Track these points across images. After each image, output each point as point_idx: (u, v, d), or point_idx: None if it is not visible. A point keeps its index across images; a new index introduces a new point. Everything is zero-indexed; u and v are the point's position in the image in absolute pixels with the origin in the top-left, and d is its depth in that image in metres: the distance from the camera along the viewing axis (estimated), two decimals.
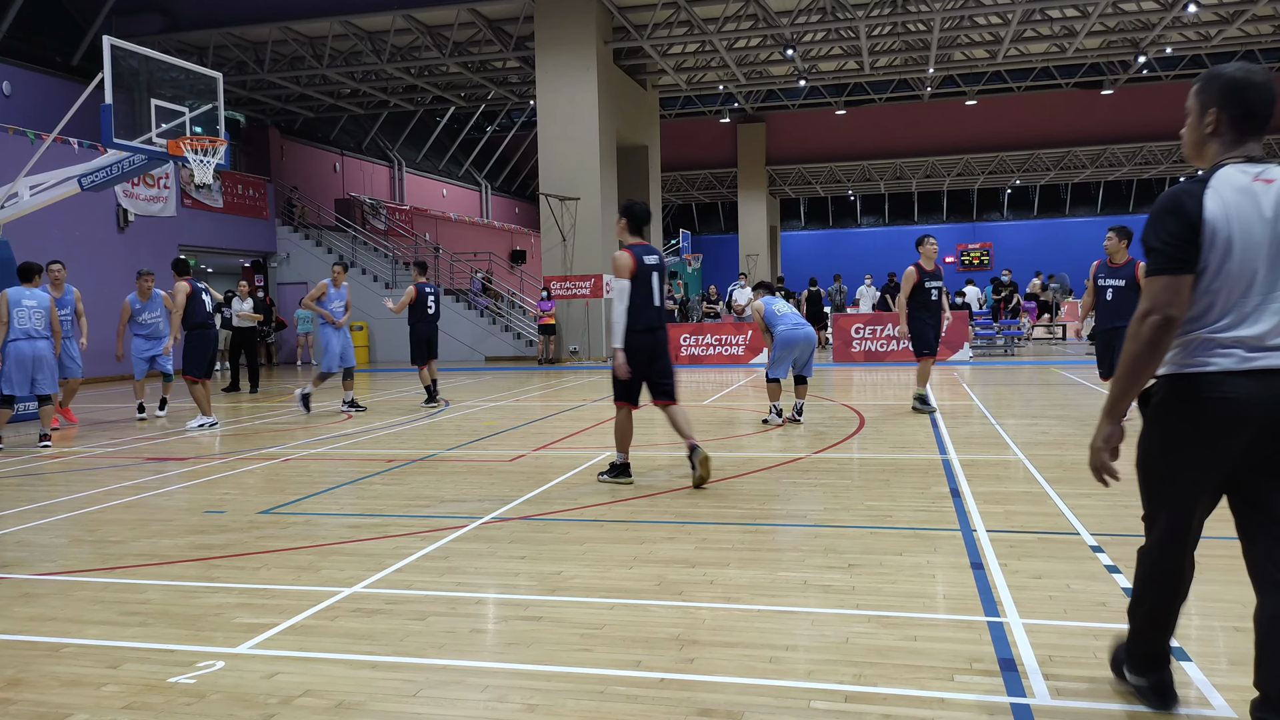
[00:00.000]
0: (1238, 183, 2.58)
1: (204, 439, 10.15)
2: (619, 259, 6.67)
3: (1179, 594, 2.87)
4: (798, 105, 36.07)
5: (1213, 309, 2.60)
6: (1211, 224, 2.55)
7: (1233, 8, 22.53)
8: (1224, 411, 2.58)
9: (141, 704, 3.19)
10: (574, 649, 3.58)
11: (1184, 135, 2.79)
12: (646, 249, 6.81)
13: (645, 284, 6.70)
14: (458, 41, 23.56)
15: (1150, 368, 2.65)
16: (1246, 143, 2.67)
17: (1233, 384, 2.57)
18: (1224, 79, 2.67)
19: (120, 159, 11.93)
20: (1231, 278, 2.57)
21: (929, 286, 10.42)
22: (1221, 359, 2.59)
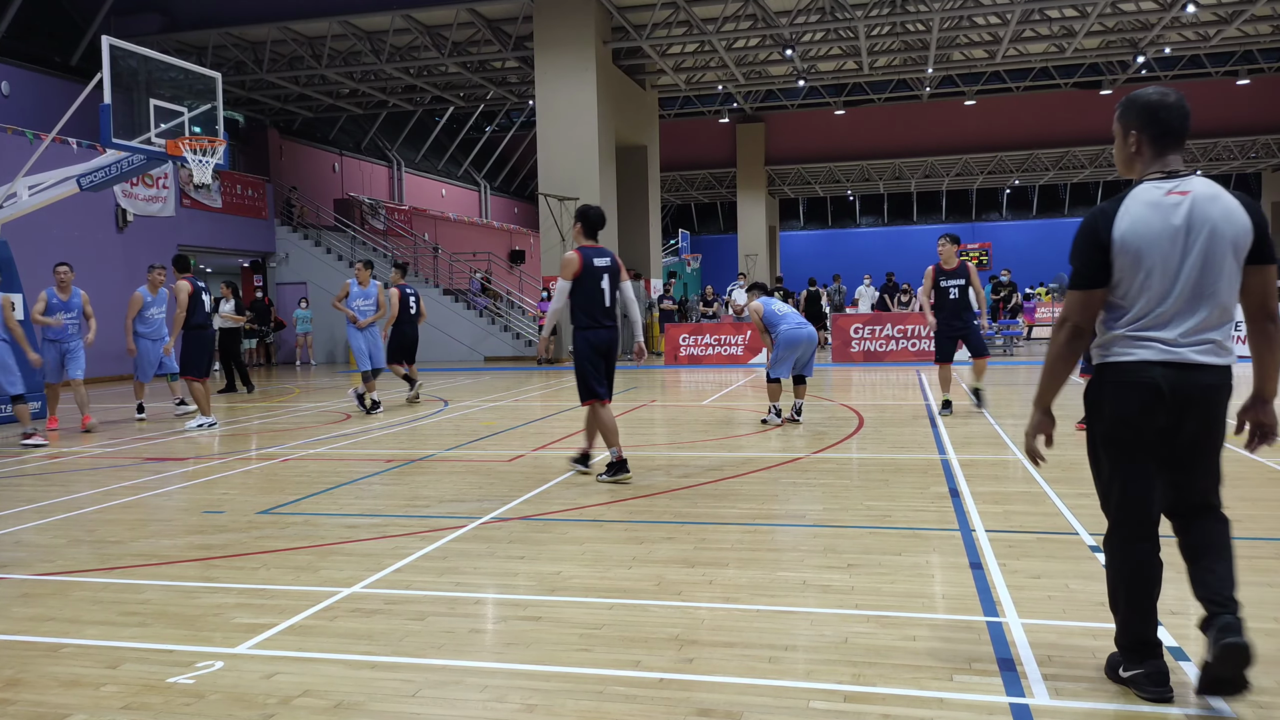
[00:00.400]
0: (1149, 198, 2.90)
1: (203, 439, 10.14)
2: (567, 259, 6.92)
3: (1153, 580, 3.00)
4: (797, 105, 36.07)
5: (1131, 312, 2.94)
6: (1120, 241, 2.88)
7: (1231, 8, 22.54)
8: (1143, 394, 2.91)
9: (140, 704, 3.19)
10: (573, 649, 3.58)
11: (1115, 155, 3.08)
12: (598, 252, 7.03)
13: (595, 285, 6.95)
14: (457, 41, 23.56)
15: (1066, 366, 3.04)
16: (1166, 156, 2.98)
17: (1150, 371, 2.90)
18: (1140, 103, 3.01)
19: (119, 159, 11.93)
20: (1151, 284, 2.89)
21: (945, 285, 10.37)
22: (1141, 350, 2.92)
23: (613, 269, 7.08)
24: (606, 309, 7.03)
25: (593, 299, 6.95)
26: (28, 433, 9.81)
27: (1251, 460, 7.16)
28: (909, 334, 18.74)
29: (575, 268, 6.88)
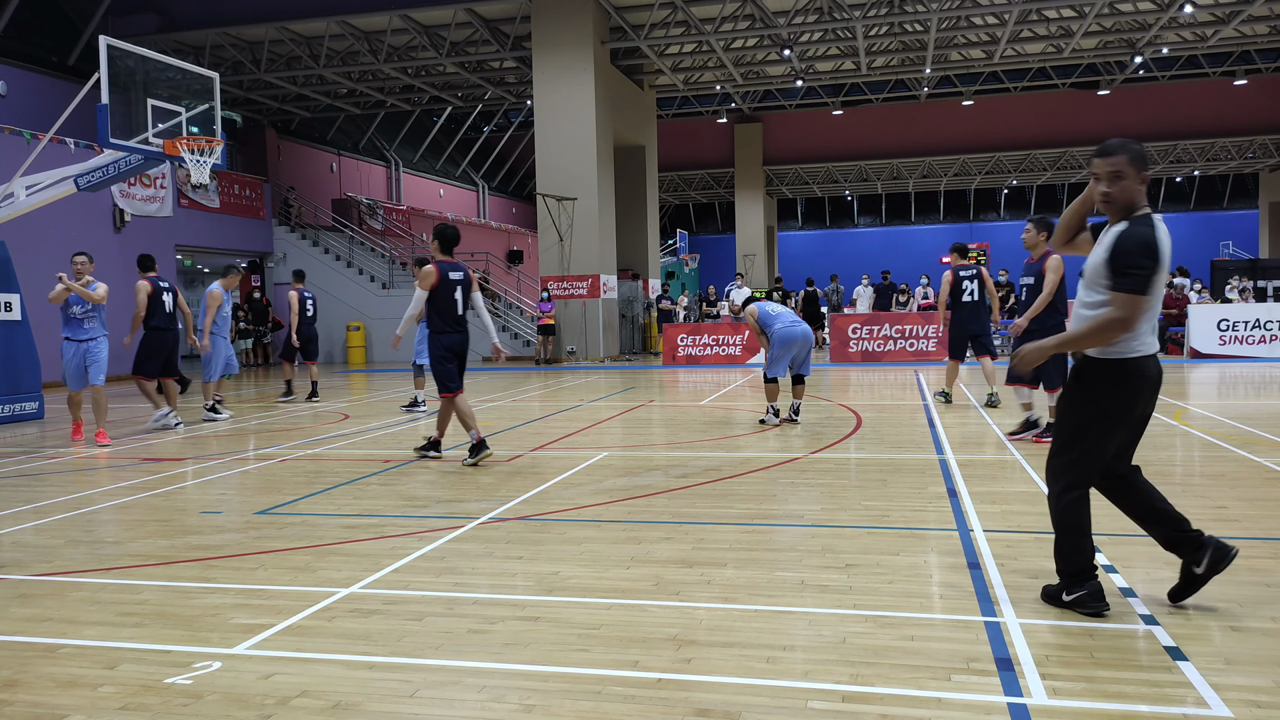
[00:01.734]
0: (1164, 228, 3.64)
1: (203, 439, 10.13)
2: (425, 272, 7.84)
3: (1090, 518, 3.79)
4: (795, 105, 36.09)
5: (1149, 315, 3.64)
6: (1165, 259, 3.59)
7: (1229, 8, 22.57)
8: (1151, 381, 3.69)
9: (138, 705, 3.19)
10: (571, 649, 3.58)
11: (1121, 192, 3.64)
12: (453, 266, 7.98)
13: (449, 295, 7.88)
14: (455, 41, 23.56)
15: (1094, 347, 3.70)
16: None
17: (1153, 363, 3.70)
18: (1142, 149, 3.71)
19: (117, 159, 11.91)
20: (1160, 294, 3.66)
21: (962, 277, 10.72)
22: (1148, 347, 3.68)
23: (465, 282, 8.01)
24: (458, 316, 7.95)
25: (447, 307, 7.85)
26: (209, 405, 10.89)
27: (1249, 460, 7.17)
28: (907, 334, 18.75)
29: (433, 280, 7.76)
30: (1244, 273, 23.59)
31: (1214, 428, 8.94)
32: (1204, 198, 47.95)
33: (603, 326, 22.38)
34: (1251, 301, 20.08)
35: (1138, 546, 4.82)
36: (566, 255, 22.17)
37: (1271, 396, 11.72)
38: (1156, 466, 7.03)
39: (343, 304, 24.95)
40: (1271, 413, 10.03)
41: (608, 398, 13.48)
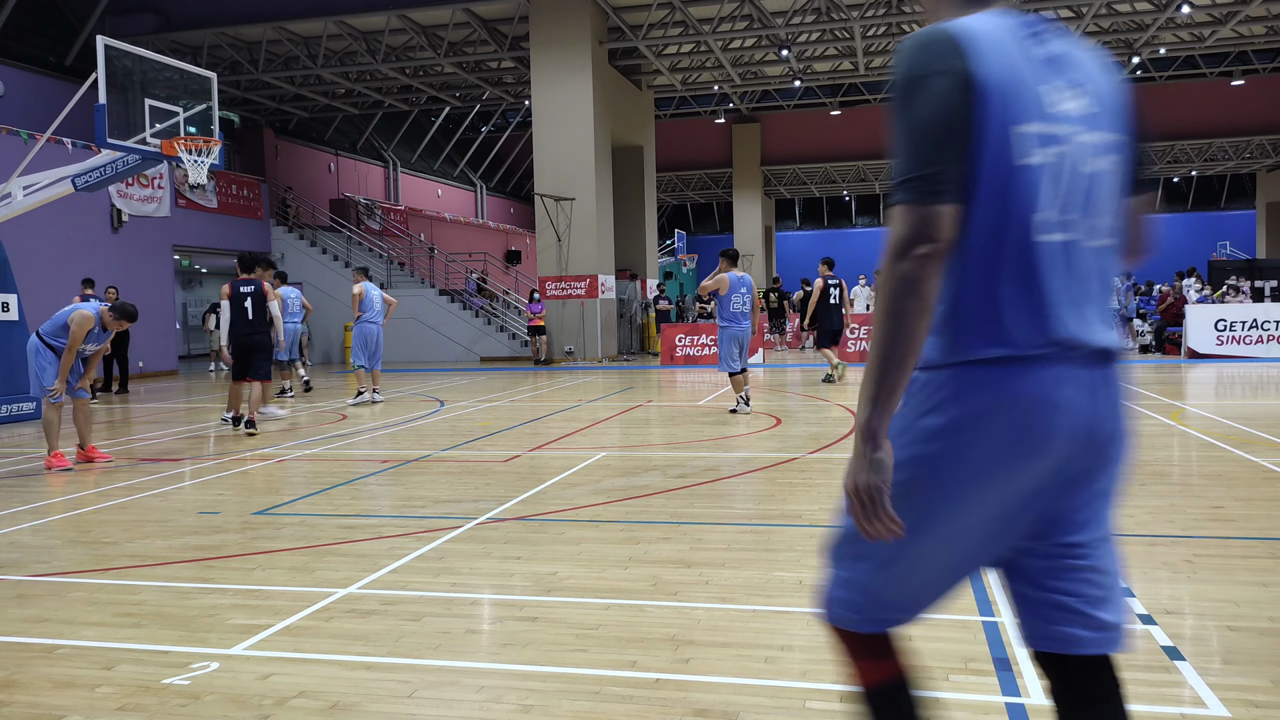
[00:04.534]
0: None
1: (202, 439, 10.13)
2: (223, 289, 10.75)
3: None
4: (792, 105, 36.11)
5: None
6: None
7: (1226, 9, 22.60)
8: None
9: (136, 705, 3.18)
10: (569, 649, 3.58)
11: None
12: (244, 282, 10.72)
13: (240, 305, 10.63)
14: (452, 42, 23.55)
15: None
16: None
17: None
18: None
19: (114, 159, 11.90)
20: None
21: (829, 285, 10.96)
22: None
23: (255, 293, 10.67)
24: (250, 320, 10.61)
25: (240, 314, 10.60)
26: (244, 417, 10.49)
27: (1247, 460, 7.18)
28: None
29: (228, 293, 10.64)
30: (1241, 273, 23.63)
31: (1211, 428, 8.95)
32: (1201, 198, 48.03)
33: (600, 326, 22.38)
34: (1247, 301, 20.11)
35: (1135, 546, 4.83)
36: (564, 255, 22.17)
37: (1269, 396, 11.74)
38: (1155, 466, 7.04)
39: (341, 304, 24.92)
40: (1269, 412, 10.05)
41: (606, 398, 13.48)
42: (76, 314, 8.19)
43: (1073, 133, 1.69)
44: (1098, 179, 1.72)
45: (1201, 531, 5.11)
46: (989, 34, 1.67)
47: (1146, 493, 6.10)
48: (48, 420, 8.34)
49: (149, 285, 20.49)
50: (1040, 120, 1.66)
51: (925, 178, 1.61)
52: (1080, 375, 1.71)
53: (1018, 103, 1.65)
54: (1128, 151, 1.80)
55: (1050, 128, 1.67)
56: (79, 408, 8.66)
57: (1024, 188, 1.64)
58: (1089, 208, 1.71)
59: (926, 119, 1.63)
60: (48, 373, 8.22)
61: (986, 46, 1.65)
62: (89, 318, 8.20)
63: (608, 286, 22.59)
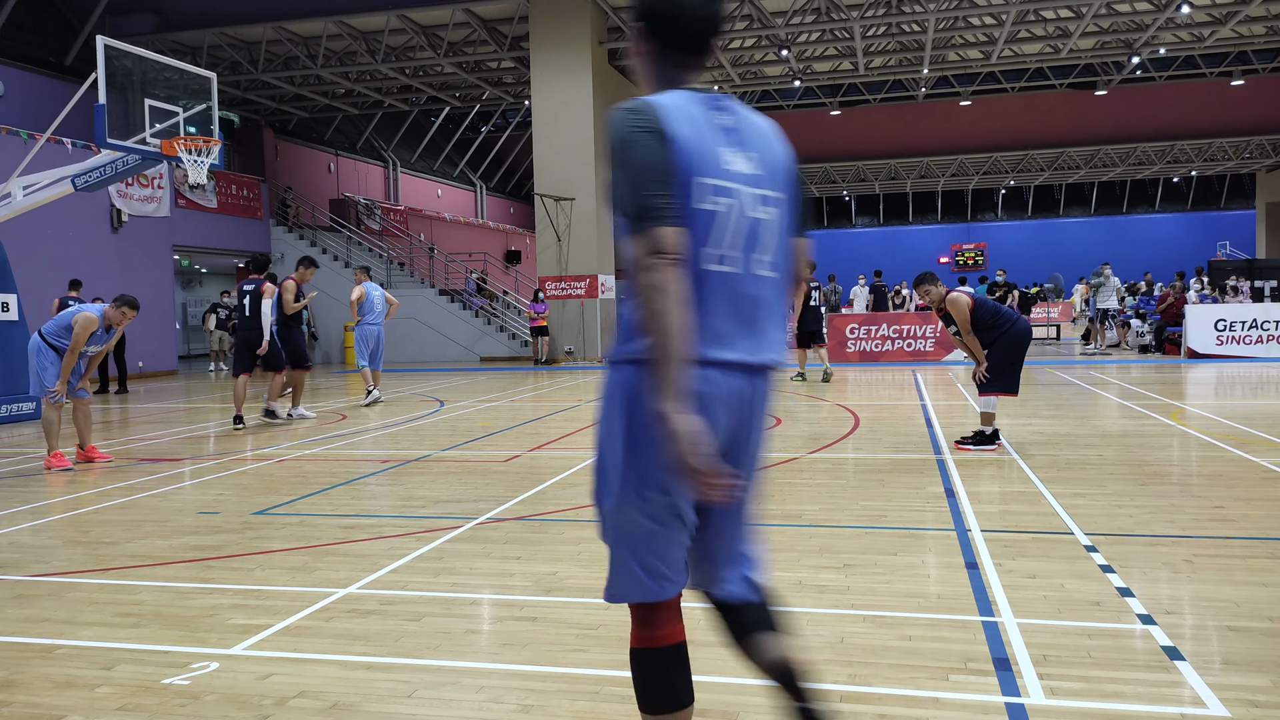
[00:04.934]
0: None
1: (201, 439, 10.12)
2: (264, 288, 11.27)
3: None
4: (792, 106, 36.09)
5: None
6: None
7: (1226, 9, 22.60)
8: None
9: (135, 705, 3.18)
10: (569, 649, 3.58)
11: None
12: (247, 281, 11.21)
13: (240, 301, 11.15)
14: (452, 41, 23.54)
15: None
16: None
17: None
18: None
19: (114, 159, 11.90)
20: None
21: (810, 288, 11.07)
22: None
23: (254, 292, 10.94)
24: (247, 317, 10.89)
25: (238, 310, 11.05)
26: None
27: (1247, 460, 7.18)
28: (905, 334, 18.76)
29: None
30: (1241, 273, 23.63)
31: (1211, 428, 8.95)
32: (1201, 198, 48.03)
33: (600, 326, 22.37)
34: (1247, 301, 20.11)
35: (1135, 546, 4.83)
36: (564, 255, 22.17)
37: (1269, 396, 11.74)
38: (1155, 466, 7.04)
39: (340, 304, 24.92)
40: (1269, 412, 10.05)
41: None
42: (80, 315, 8.19)
43: (740, 188, 2.12)
44: (759, 225, 2.15)
45: (1201, 531, 5.11)
46: (679, 105, 2.14)
47: (1146, 493, 6.11)
48: (48, 420, 8.34)
49: (149, 285, 20.48)
50: (716, 175, 2.08)
51: (652, 208, 1.99)
52: (737, 377, 2.12)
53: (700, 159, 2.06)
54: (789, 205, 2.25)
55: (723, 182, 2.09)
56: (79, 407, 8.64)
57: (698, 227, 2.05)
58: (750, 247, 2.14)
59: (645, 164, 2.02)
60: (49, 373, 8.22)
61: (677, 114, 2.10)
62: (93, 319, 8.20)
63: (608, 286, 22.59)
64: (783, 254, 2.24)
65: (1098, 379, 14.15)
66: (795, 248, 2.32)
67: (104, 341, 8.49)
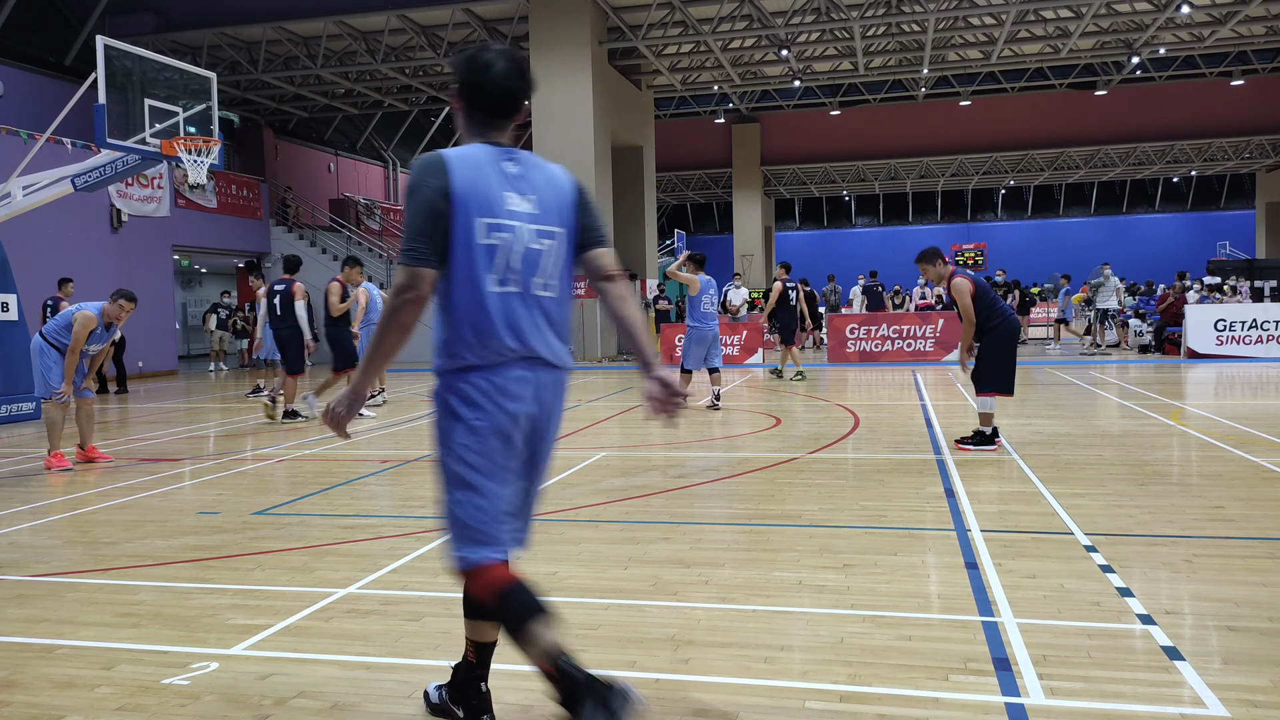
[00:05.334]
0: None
1: (200, 440, 10.12)
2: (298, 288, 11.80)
3: None
4: (792, 106, 36.11)
5: None
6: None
7: (1226, 9, 22.60)
8: None
9: (135, 705, 3.18)
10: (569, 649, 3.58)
11: None
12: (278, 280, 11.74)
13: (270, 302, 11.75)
14: (452, 41, 23.54)
15: None
16: None
17: None
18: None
19: (114, 159, 11.90)
20: None
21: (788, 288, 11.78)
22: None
23: (285, 292, 11.48)
24: (279, 316, 11.36)
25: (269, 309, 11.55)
26: None
27: (1246, 460, 7.18)
28: (904, 334, 18.76)
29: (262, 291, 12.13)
30: (1241, 273, 23.64)
31: (1211, 428, 8.95)
32: (1201, 198, 48.04)
33: (600, 327, 22.38)
34: (1247, 301, 20.11)
35: (1135, 546, 4.83)
36: None
37: (1268, 396, 11.74)
38: (1155, 466, 7.04)
39: None
40: (1268, 412, 10.05)
41: (605, 398, 13.48)
42: (79, 314, 8.17)
43: (520, 225, 2.61)
44: (538, 254, 2.65)
45: (1201, 531, 5.11)
46: (470, 157, 2.60)
47: (1146, 493, 6.11)
48: (50, 420, 8.32)
49: (148, 285, 20.48)
50: (497, 215, 2.57)
51: (415, 249, 2.51)
52: (524, 374, 2.63)
53: (482, 203, 2.56)
54: (569, 237, 2.74)
55: (503, 220, 2.58)
56: (82, 407, 8.61)
57: (480, 258, 2.56)
58: (529, 272, 2.64)
59: (419, 211, 2.51)
60: (54, 373, 8.18)
61: (462, 167, 2.57)
62: (91, 318, 8.19)
63: None
64: (563, 276, 2.74)
65: (1098, 379, 14.15)
66: (595, 258, 2.81)
67: (104, 340, 8.48)
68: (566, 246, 2.75)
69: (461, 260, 2.55)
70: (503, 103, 2.70)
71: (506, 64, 2.69)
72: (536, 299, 2.66)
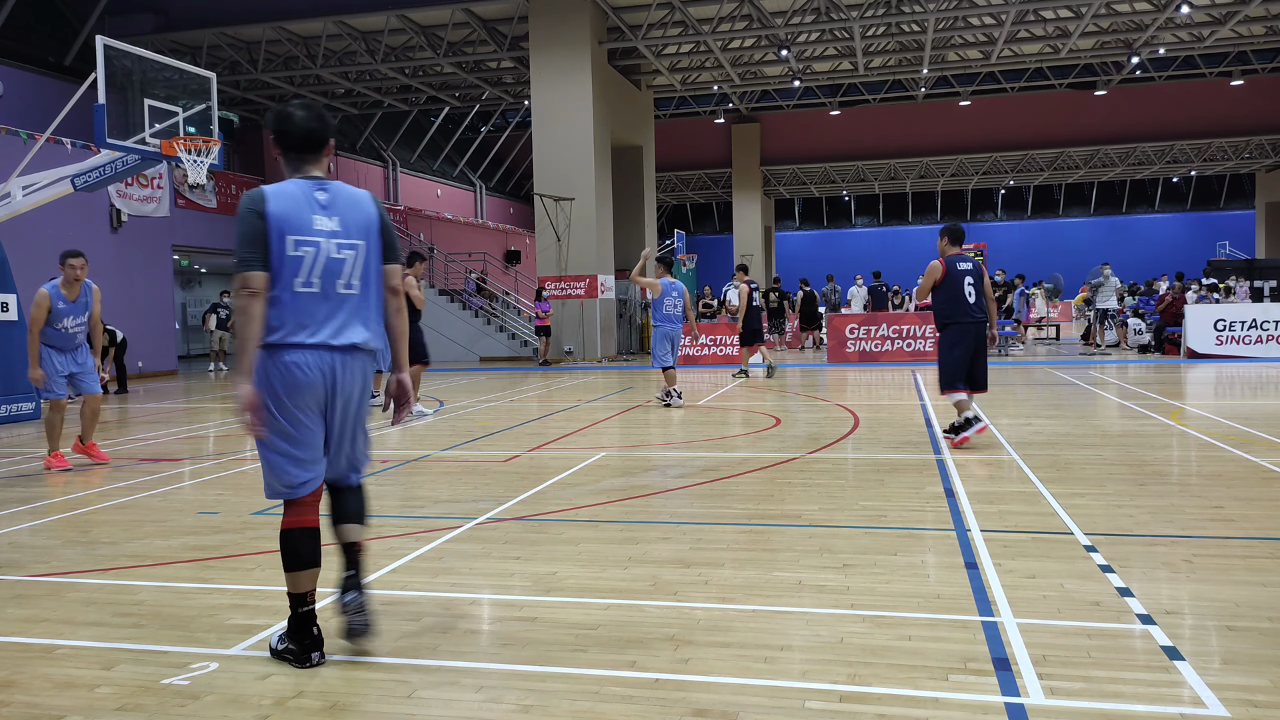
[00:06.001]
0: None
1: (200, 440, 10.12)
2: None
3: None
4: (792, 106, 36.11)
5: None
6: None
7: (1225, 9, 22.61)
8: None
9: (135, 705, 3.18)
10: (569, 649, 3.58)
11: None
12: None
13: None
14: (452, 41, 23.55)
15: None
16: None
17: None
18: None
19: (113, 159, 11.90)
20: None
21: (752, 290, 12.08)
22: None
23: None
24: None
25: None
26: None
27: (1246, 460, 7.19)
28: (904, 334, 18.76)
29: None
30: (1241, 273, 23.64)
31: (1211, 427, 8.95)
32: (1201, 198, 48.05)
33: (600, 327, 22.38)
34: (1246, 301, 20.11)
35: (1135, 546, 4.83)
36: (564, 255, 22.18)
37: (1268, 396, 11.74)
38: (1155, 466, 7.04)
39: None
40: (1268, 412, 10.05)
41: (605, 398, 13.48)
42: (35, 296, 7.82)
43: (323, 240, 3.40)
44: (337, 262, 3.43)
45: (1201, 531, 5.11)
46: (284, 190, 3.41)
47: (1146, 493, 6.11)
48: (49, 422, 8.23)
49: (148, 285, 20.48)
50: (304, 233, 3.37)
51: (244, 259, 3.32)
52: (324, 355, 3.41)
53: (292, 224, 3.35)
54: (371, 247, 3.51)
55: (309, 237, 3.38)
56: (88, 403, 8.36)
57: (292, 265, 3.36)
58: (331, 276, 3.42)
59: (245, 232, 3.34)
60: (47, 365, 8.01)
61: (276, 198, 3.38)
62: (43, 294, 7.77)
63: (607, 286, 22.59)
64: (366, 278, 3.51)
65: (1097, 379, 14.15)
66: (385, 272, 3.59)
67: (79, 310, 7.99)
68: (368, 255, 3.51)
69: (276, 267, 3.34)
70: (306, 142, 3.50)
71: (305, 112, 3.52)
72: (340, 297, 3.45)
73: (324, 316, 3.40)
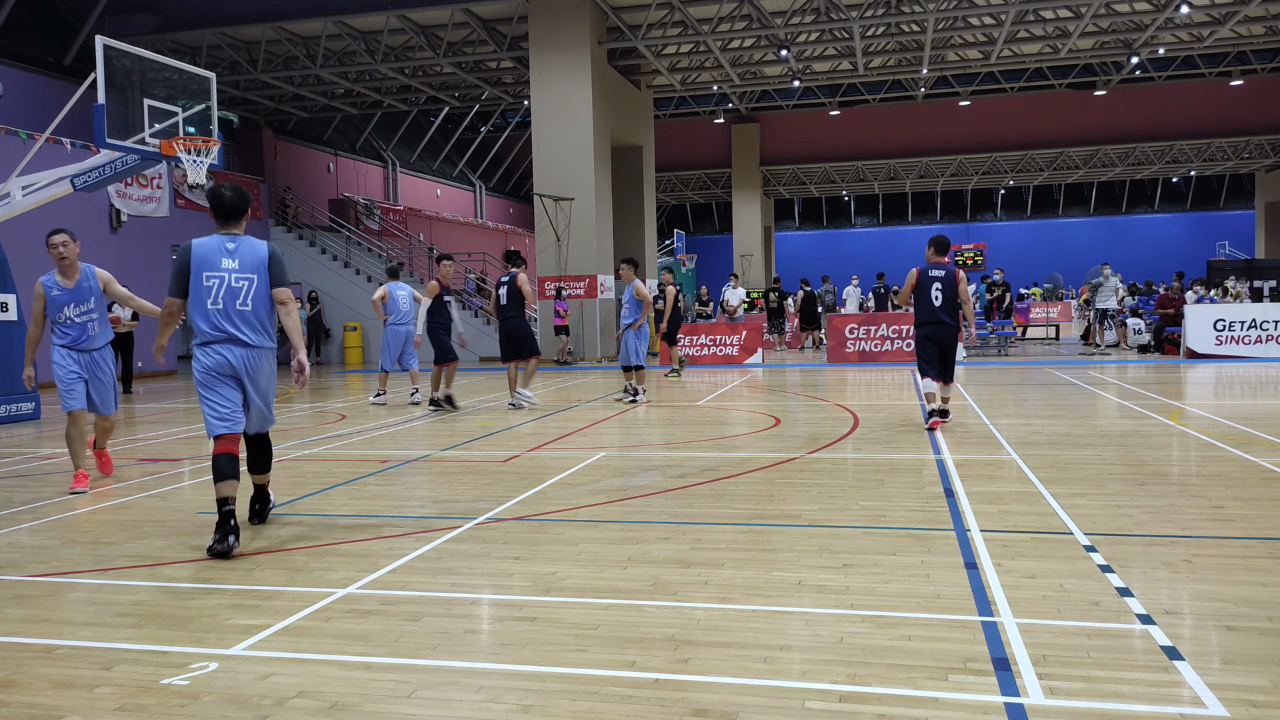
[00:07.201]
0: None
1: (199, 439, 10.12)
2: None
3: None
4: (792, 106, 36.12)
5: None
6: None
7: (1225, 9, 22.62)
8: None
9: (134, 705, 3.18)
10: (569, 649, 3.58)
11: None
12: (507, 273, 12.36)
13: None
14: (451, 42, 23.55)
15: None
16: None
17: None
18: None
19: (113, 159, 11.90)
20: None
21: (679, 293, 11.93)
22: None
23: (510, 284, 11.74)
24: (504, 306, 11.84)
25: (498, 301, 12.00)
26: None
27: (1246, 460, 7.19)
28: (904, 334, 18.77)
29: None
30: (1240, 273, 23.64)
31: (1210, 427, 8.95)
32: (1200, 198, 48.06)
33: (600, 327, 22.38)
34: (1246, 301, 20.12)
35: (1135, 546, 4.83)
36: (564, 255, 22.17)
37: (1268, 396, 11.74)
38: (1154, 466, 7.04)
39: (340, 304, 24.94)
40: (1268, 412, 10.05)
41: (605, 398, 13.48)
42: None
43: (227, 274, 5.30)
44: (235, 290, 5.32)
45: (1201, 531, 5.11)
46: (204, 243, 5.36)
47: (1146, 493, 6.11)
48: (67, 437, 7.42)
49: (148, 285, 20.41)
50: (213, 270, 5.29)
51: (171, 288, 5.38)
52: (234, 348, 5.33)
53: (206, 264, 5.30)
54: (261, 279, 5.38)
55: (216, 273, 5.30)
56: (99, 423, 7.74)
57: (204, 291, 5.29)
58: (231, 299, 5.31)
59: (175, 271, 5.34)
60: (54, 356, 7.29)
61: (201, 248, 5.34)
62: (39, 284, 7.23)
63: (607, 287, 22.59)
64: (257, 299, 5.35)
65: (1097, 379, 14.16)
66: (276, 294, 5.43)
67: (81, 297, 7.29)
68: (259, 284, 5.36)
69: (194, 292, 5.27)
70: (228, 212, 5.41)
71: (231, 193, 5.43)
72: (238, 312, 5.30)
73: (226, 325, 5.27)
